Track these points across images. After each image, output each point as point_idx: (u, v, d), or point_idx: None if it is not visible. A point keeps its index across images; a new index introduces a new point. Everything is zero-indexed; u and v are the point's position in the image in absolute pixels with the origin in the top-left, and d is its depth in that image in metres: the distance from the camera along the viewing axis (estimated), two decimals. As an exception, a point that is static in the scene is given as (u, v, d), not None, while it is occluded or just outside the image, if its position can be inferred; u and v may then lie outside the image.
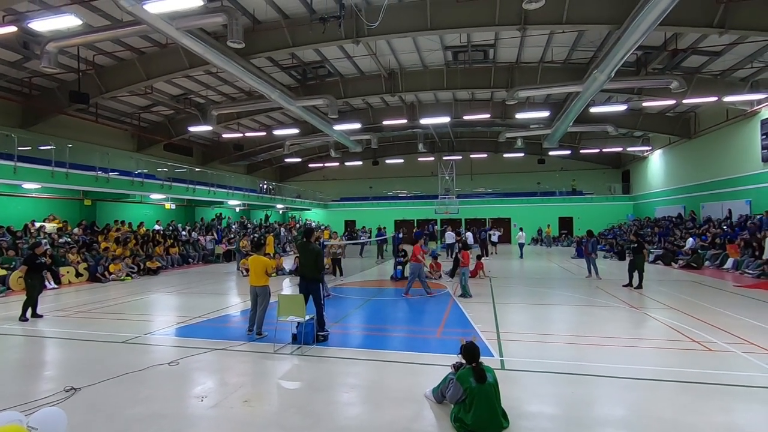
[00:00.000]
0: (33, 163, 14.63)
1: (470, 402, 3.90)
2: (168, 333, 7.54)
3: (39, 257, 8.82)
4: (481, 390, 3.91)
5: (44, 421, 2.89)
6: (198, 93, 20.12)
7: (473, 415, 3.84)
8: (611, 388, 4.85)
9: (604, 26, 13.02)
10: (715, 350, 6.05)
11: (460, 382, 4.01)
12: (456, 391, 4.01)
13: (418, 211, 35.73)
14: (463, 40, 16.05)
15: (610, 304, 9.62)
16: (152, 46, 15.05)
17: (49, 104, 17.14)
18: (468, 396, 3.92)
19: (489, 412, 3.87)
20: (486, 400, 3.89)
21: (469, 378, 3.99)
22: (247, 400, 4.54)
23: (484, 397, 3.90)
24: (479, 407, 3.86)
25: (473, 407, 3.87)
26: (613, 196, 33.42)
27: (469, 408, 3.89)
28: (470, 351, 4.22)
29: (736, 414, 4.16)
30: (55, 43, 11.42)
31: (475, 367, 4.08)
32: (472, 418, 3.83)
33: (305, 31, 13.60)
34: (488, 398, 3.91)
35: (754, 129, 17.86)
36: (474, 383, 3.94)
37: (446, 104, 23.35)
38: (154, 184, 19.90)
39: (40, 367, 5.99)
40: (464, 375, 4.05)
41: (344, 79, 19.50)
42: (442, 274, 14.12)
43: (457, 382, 4.03)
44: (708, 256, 16.45)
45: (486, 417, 3.85)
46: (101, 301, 10.78)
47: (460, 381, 4.03)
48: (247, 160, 32.42)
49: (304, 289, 6.90)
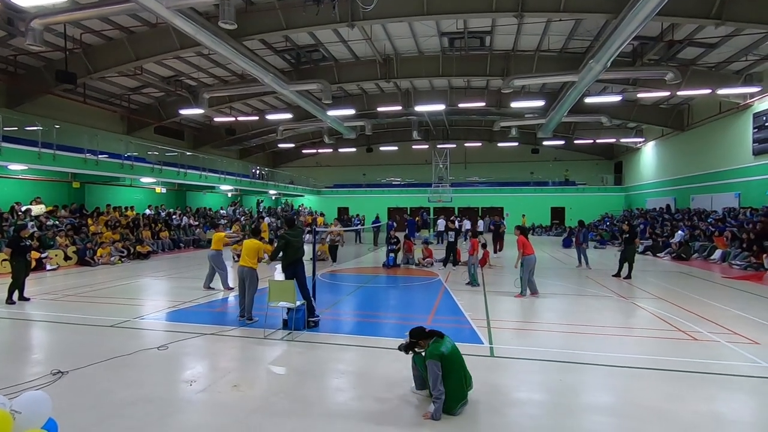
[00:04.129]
0: (19, 144, 14.31)
1: (446, 373, 3.90)
2: (157, 317, 7.49)
3: (24, 240, 8.68)
4: (452, 356, 3.98)
5: (28, 404, 2.84)
6: (189, 75, 19.73)
7: (451, 384, 3.88)
8: (599, 376, 4.90)
9: (601, 15, 12.92)
10: (700, 340, 6.14)
11: (433, 358, 3.93)
12: (434, 370, 3.90)
13: (411, 199, 35.69)
14: (459, 27, 15.83)
15: (599, 293, 9.73)
16: (142, 26, 14.66)
17: (35, 84, 16.71)
18: (443, 368, 3.90)
19: (462, 378, 4.00)
20: (459, 365, 4.02)
21: (440, 348, 3.98)
22: (236, 385, 4.53)
23: (457, 363, 4.01)
24: (454, 374, 3.93)
25: (449, 377, 3.90)
26: (605, 186, 33.62)
27: (445, 379, 3.88)
28: (421, 329, 4.23)
29: (719, 402, 4.23)
30: (40, 20, 11.10)
31: (438, 337, 4.11)
32: (450, 387, 3.86)
33: (299, 13, 13.34)
34: (459, 363, 4.04)
35: (746, 122, 17.96)
36: (446, 351, 3.97)
37: (441, 92, 23.17)
38: (145, 168, 19.62)
39: (27, 350, 5.92)
40: (434, 349, 4.00)
41: (339, 64, 19.22)
42: (434, 261, 14.16)
43: (432, 361, 3.93)
44: (696, 248, 16.66)
45: (461, 383, 3.96)
46: (90, 284, 10.67)
47: (432, 357, 3.95)
48: (239, 145, 32.05)
49: (291, 275, 6.83)
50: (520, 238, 9.14)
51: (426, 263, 13.92)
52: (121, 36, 15.20)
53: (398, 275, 12.50)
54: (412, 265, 14.04)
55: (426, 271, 13.01)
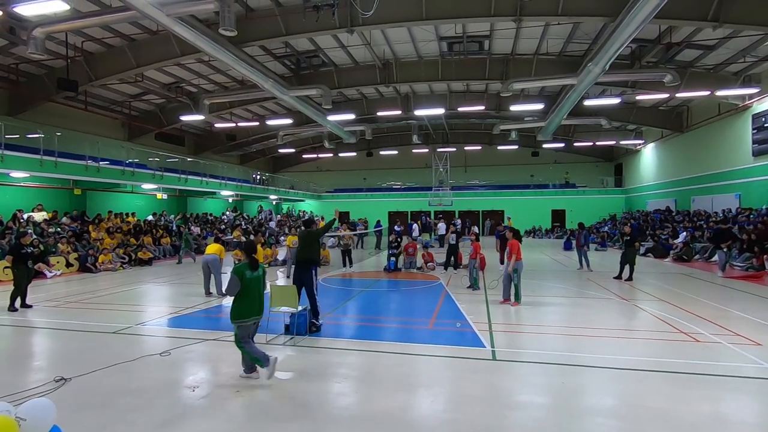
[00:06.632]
0: (21, 152, 14.38)
1: (244, 291, 4.59)
2: (159, 324, 7.50)
3: (25, 247, 8.70)
4: (251, 280, 4.63)
5: (33, 411, 2.86)
6: (190, 81, 19.84)
7: (246, 302, 4.60)
8: (601, 379, 4.90)
9: (599, 18, 12.99)
10: (702, 341, 6.13)
11: (237, 275, 4.60)
12: (234, 284, 4.58)
13: (411, 203, 35.69)
14: (458, 31, 15.91)
15: (600, 295, 9.72)
16: (143, 33, 14.76)
17: (36, 91, 16.80)
18: (243, 286, 4.58)
19: (258, 299, 4.71)
20: (256, 288, 4.68)
21: (245, 270, 4.63)
22: (238, 390, 4.54)
23: (255, 286, 4.67)
24: (250, 294, 4.61)
25: (246, 295, 4.60)
26: (606, 189, 33.62)
27: (244, 296, 4.59)
28: (249, 245, 4.96)
29: (721, 403, 4.23)
30: (42, 29, 11.16)
31: (251, 260, 4.74)
32: (245, 305, 4.60)
33: (299, 19, 13.41)
34: (258, 286, 4.70)
35: (746, 123, 17.99)
36: (249, 273, 4.63)
37: (441, 95, 23.23)
38: (146, 174, 19.67)
39: (30, 357, 5.94)
40: (240, 267, 4.67)
41: (338, 69, 19.30)
42: (435, 265, 14.15)
43: (234, 276, 4.61)
44: (698, 249, 16.63)
45: (256, 303, 4.68)
46: (92, 291, 10.69)
47: (236, 274, 4.61)
48: (239, 151, 32.12)
49: (297, 279, 6.89)
50: (514, 242, 8.65)
51: (429, 267, 13.91)
52: (122, 44, 15.29)
53: (399, 279, 12.50)
54: (413, 269, 14.04)
55: (427, 275, 13.01)
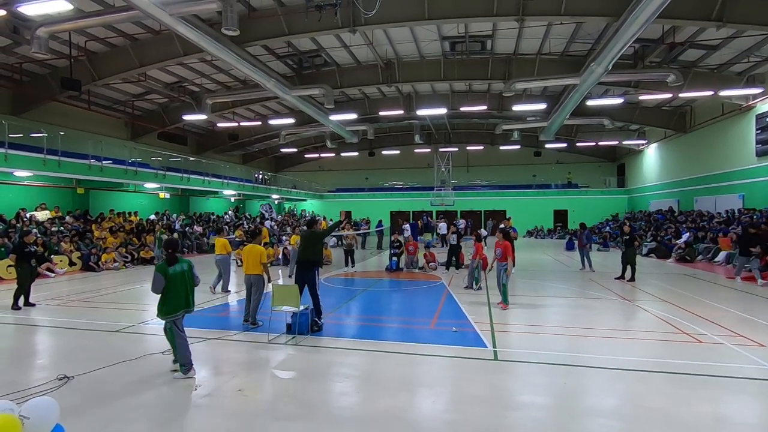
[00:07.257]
0: (24, 151, 14.47)
1: (170, 287, 4.69)
2: (162, 322, 7.46)
3: (28, 245, 8.74)
4: (175, 275, 4.72)
5: (36, 410, 2.87)
6: (192, 81, 19.87)
7: (171, 298, 4.70)
8: (603, 379, 4.90)
9: (602, 18, 12.95)
10: (705, 342, 6.11)
11: (160, 272, 4.71)
12: (159, 281, 4.67)
13: (413, 203, 35.66)
14: (460, 31, 15.90)
15: (602, 296, 9.70)
16: (146, 33, 14.80)
17: (40, 91, 16.86)
18: (168, 282, 4.68)
19: (184, 295, 4.79)
20: (181, 284, 4.77)
21: (166, 267, 4.74)
22: (241, 389, 4.55)
23: (179, 282, 4.75)
24: (175, 290, 4.71)
25: (170, 291, 4.69)
26: (608, 189, 33.53)
27: (170, 292, 4.70)
28: (169, 242, 5.03)
29: (724, 405, 4.22)
30: (45, 28, 11.20)
31: (168, 255, 4.81)
32: (171, 301, 4.70)
33: (301, 18, 13.42)
34: (183, 282, 4.78)
35: (749, 123, 17.91)
36: (170, 270, 4.71)
37: (443, 95, 23.21)
38: (148, 173, 19.73)
39: (33, 355, 5.97)
40: (162, 265, 4.79)
41: (340, 69, 19.31)
42: (437, 265, 14.15)
43: (157, 273, 4.71)
44: (701, 250, 16.58)
45: (182, 297, 4.77)
46: (94, 290, 10.73)
47: (159, 271, 4.72)
48: (242, 150, 32.17)
49: (300, 278, 6.90)
50: (506, 243, 8.41)
51: (431, 267, 13.91)
52: (125, 43, 15.33)
53: (401, 279, 12.51)
54: (415, 269, 14.04)
55: (429, 275, 13.01)
